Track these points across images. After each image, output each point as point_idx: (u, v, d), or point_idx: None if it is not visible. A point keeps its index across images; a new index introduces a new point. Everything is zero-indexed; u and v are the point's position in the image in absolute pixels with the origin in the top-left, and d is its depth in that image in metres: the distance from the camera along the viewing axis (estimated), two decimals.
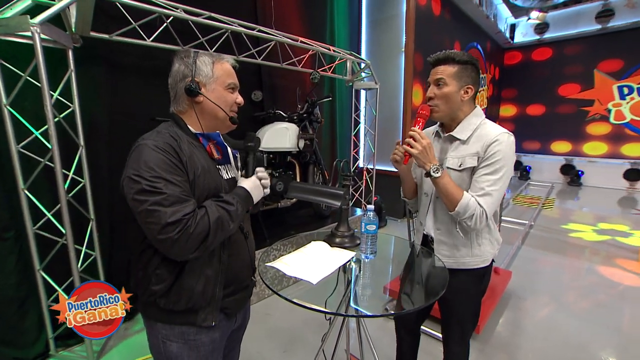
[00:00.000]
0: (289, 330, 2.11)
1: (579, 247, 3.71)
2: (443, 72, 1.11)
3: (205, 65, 0.90)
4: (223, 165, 0.95)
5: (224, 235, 0.82)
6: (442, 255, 1.19)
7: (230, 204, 0.83)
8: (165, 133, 0.83)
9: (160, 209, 0.73)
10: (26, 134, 1.60)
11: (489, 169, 1.07)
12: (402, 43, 4.26)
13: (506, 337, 2.08)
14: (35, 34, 1.39)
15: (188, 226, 0.74)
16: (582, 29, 7.01)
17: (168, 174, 0.77)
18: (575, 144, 7.55)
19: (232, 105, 0.94)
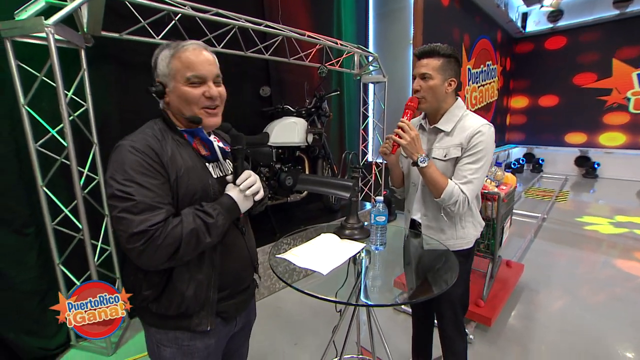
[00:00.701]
0: (300, 323, 2.14)
1: (595, 240, 3.63)
2: (428, 66, 1.17)
3: (163, 61, 0.82)
4: (213, 162, 0.89)
5: (199, 248, 0.77)
6: (428, 238, 1.28)
7: (210, 215, 0.77)
8: (148, 132, 0.80)
9: (128, 216, 0.70)
10: (43, 133, 1.64)
11: (471, 158, 1.15)
12: (410, 35, 4.20)
13: (519, 329, 2.06)
14: (50, 35, 1.43)
15: (155, 237, 0.70)
16: (598, 15, 6.77)
17: (142, 177, 0.72)
18: (591, 134, 7.35)
19: (200, 101, 0.82)
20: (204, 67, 0.81)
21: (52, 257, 1.72)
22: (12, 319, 1.65)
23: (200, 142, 0.86)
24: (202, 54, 0.82)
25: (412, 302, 1.43)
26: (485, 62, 6.58)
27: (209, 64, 0.82)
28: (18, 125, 1.59)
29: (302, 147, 2.87)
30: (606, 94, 7.06)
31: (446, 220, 1.24)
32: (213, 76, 0.83)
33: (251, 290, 0.99)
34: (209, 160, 0.88)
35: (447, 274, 1.06)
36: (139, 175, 0.72)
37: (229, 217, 0.81)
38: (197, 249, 0.76)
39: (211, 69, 0.83)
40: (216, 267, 0.84)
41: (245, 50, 2.56)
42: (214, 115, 0.86)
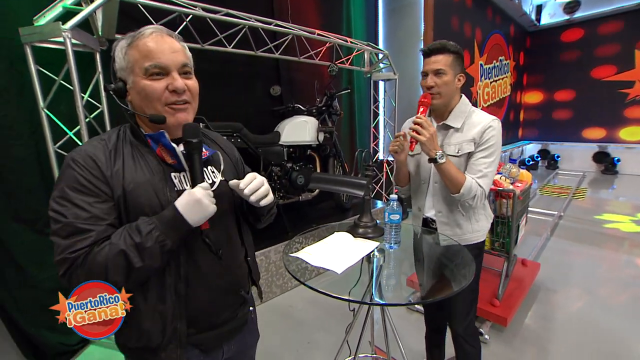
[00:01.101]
0: (313, 322, 2.14)
1: (616, 239, 3.51)
2: (441, 62, 1.18)
3: (120, 52, 0.70)
4: (182, 172, 0.74)
5: (135, 275, 0.63)
6: (444, 235, 1.28)
7: (139, 232, 0.63)
8: (99, 140, 0.70)
9: (56, 240, 0.62)
10: (61, 135, 1.69)
11: (485, 152, 1.18)
12: (420, 31, 4.15)
13: (536, 330, 2.02)
14: (67, 39, 1.46)
15: (76, 266, 0.61)
16: (618, 4, 6.53)
17: (76, 193, 0.63)
18: (611, 129, 7.10)
19: (164, 97, 0.69)
20: (165, 55, 0.68)
21: None
22: (35, 315, 1.70)
23: (164, 149, 0.72)
24: (163, 39, 0.69)
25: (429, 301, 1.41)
26: (498, 57, 6.44)
27: (172, 52, 0.69)
28: (38, 128, 1.64)
29: (313, 145, 2.87)
30: (628, 86, 6.79)
31: (463, 214, 1.25)
32: (178, 65, 0.69)
33: (239, 320, 0.83)
34: (177, 169, 0.73)
35: (464, 269, 1.04)
36: (73, 192, 0.63)
37: (172, 233, 0.65)
38: (130, 275, 0.62)
39: (175, 57, 0.69)
40: (181, 297, 0.70)
41: (255, 50, 2.57)
42: (181, 111, 0.71)
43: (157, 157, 0.72)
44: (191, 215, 0.66)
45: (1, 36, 1.56)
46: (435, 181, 1.27)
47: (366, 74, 3.80)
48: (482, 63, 5.83)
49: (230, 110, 2.70)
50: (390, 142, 1.24)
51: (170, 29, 0.74)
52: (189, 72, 0.73)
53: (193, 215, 0.66)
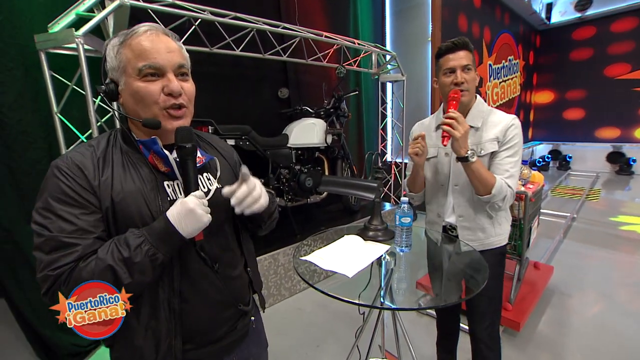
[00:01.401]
0: (322, 325, 2.13)
1: (633, 241, 3.42)
2: (466, 58, 1.14)
3: (111, 51, 0.65)
4: (174, 181, 0.70)
5: (125, 291, 0.58)
6: (467, 240, 1.23)
7: (127, 246, 0.58)
8: (87, 146, 0.66)
9: (38, 255, 0.58)
10: (74, 139, 1.72)
11: (510, 151, 1.14)
12: (428, 32, 4.12)
13: (550, 335, 1.97)
14: (80, 45, 1.49)
15: (59, 284, 0.57)
16: (632, 1, 6.37)
17: (60, 204, 0.59)
18: (625, 129, 6.91)
19: (161, 100, 0.65)
20: (160, 55, 0.64)
21: None
22: (48, 316, 1.73)
23: (157, 156, 0.67)
24: (159, 38, 0.65)
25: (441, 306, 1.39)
26: (507, 57, 6.35)
27: (168, 51, 0.65)
28: (51, 132, 1.67)
29: (321, 148, 2.87)
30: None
31: (491, 217, 1.21)
32: (174, 66, 0.65)
33: (240, 332, 0.79)
34: (171, 177, 0.69)
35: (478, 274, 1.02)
36: (58, 203, 0.59)
37: (163, 246, 0.61)
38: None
39: (171, 57, 0.65)
40: (175, 312, 0.66)
41: (263, 53, 2.58)
42: (177, 118, 0.67)
43: (149, 164, 0.67)
44: (184, 226, 0.61)
45: (17, 43, 1.60)
46: (455, 184, 1.22)
47: (374, 76, 3.79)
48: (491, 63, 5.76)
49: (239, 113, 2.72)
50: (410, 144, 1.19)
51: (180, 34, 0.72)
52: (185, 73, 0.68)
53: (186, 226, 0.62)
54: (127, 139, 0.68)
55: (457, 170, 1.19)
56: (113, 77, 0.66)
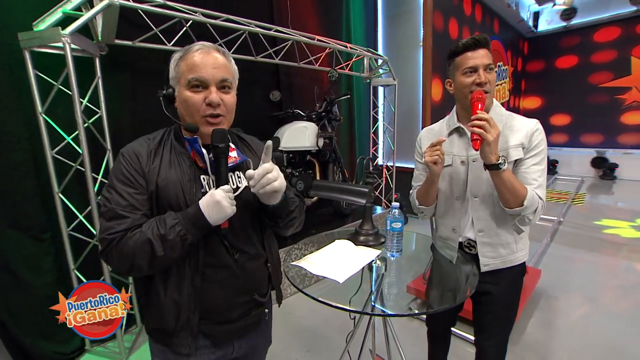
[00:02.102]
0: (312, 330, 2.12)
1: (616, 244, 3.51)
2: (487, 57, 1.03)
3: (173, 64, 0.79)
4: (209, 176, 0.80)
5: (157, 262, 0.71)
6: (487, 257, 1.12)
7: (165, 225, 0.70)
8: (146, 138, 0.80)
9: (101, 221, 0.72)
10: (59, 140, 1.68)
11: (536, 159, 1.04)
12: (420, 37, 4.18)
13: (537, 338, 2.00)
14: (66, 44, 1.46)
15: (112, 247, 0.70)
16: (614, 12, 6.62)
17: (120, 184, 0.73)
18: (609, 135, 7.15)
19: (202, 108, 0.76)
20: (207, 70, 0.74)
21: (68, 262, 1.75)
22: (29, 323, 1.67)
23: (197, 153, 0.79)
24: (209, 55, 0.76)
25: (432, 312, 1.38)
26: (497, 63, 6.49)
27: (214, 67, 0.75)
28: (35, 133, 1.63)
29: (313, 151, 2.87)
30: (624, 92, 6.86)
31: (510, 233, 1.10)
32: (216, 80, 0.75)
33: (253, 318, 0.87)
34: (207, 173, 0.80)
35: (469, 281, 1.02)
36: (118, 182, 0.73)
37: (193, 229, 0.71)
38: (153, 262, 0.70)
39: (215, 72, 0.75)
40: (197, 290, 0.77)
41: (255, 55, 2.58)
42: (214, 125, 0.77)
43: (191, 159, 0.79)
44: (211, 214, 0.71)
45: (0, 41, 1.56)
46: (474, 195, 1.10)
47: (366, 80, 3.82)
48: None
49: None
50: (426, 152, 1.05)
51: (171, 35, 0.81)
52: (227, 87, 0.79)
53: (213, 215, 0.72)
54: (178, 136, 0.82)
55: (476, 179, 1.09)
56: (172, 85, 0.80)
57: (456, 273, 1.13)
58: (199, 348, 0.80)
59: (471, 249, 1.15)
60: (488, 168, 0.98)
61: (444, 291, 1.12)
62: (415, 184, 1.27)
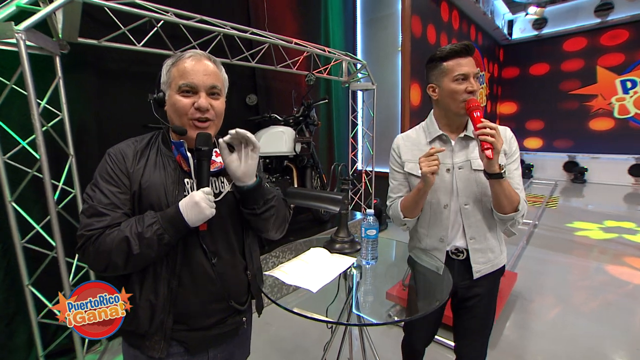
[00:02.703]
0: (290, 340, 2.09)
1: (586, 246, 3.70)
2: (473, 65, 1.04)
3: (165, 69, 0.83)
4: (192, 179, 0.82)
5: (133, 260, 0.72)
6: (479, 264, 1.14)
7: (142, 223, 0.73)
8: (134, 139, 0.84)
9: (81, 218, 0.75)
10: (13, 144, 1.58)
11: (515, 164, 1.11)
12: (398, 42, 4.28)
13: (514, 340, 2.06)
14: (20, 41, 1.38)
15: (90, 243, 0.72)
16: (581, 23, 7.08)
17: (103, 182, 0.77)
18: (579, 140, 7.57)
19: (190, 112, 0.79)
20: (197, 76, 0.79)
21: (21, 277, 1.64)
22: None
23: (182, 157, 0.82)
24: (200, 62, 0.81)
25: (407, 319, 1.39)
26: None
27: (205, 74, 0.80)
28: None
29: (290, 156, 2.85)
30: (591, 99, 7.33)
31: (496, 237, 1.16)
32: (206, 87, 0.80)
33: (230, 326, 0.88)
34: (191, 176, 0.82)
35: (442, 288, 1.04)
36: (102, 180, 0.77)
37: (170, 229, 0.73)
38: (128, 260, 0.72)
39: (205, 79, 0.79)
40: (172, 292, 0.78)
41: (230, 58, 2.55)
42: (201, 129, 0.80)
43: (176, 162, 0.82)
44: (190, 215, 0.74)
45: None
46: (465, 203, 1.10)
47: (344, 84, 3.86)
48: None
49: None
50: (423, 161, 1.02)
51: (141, 35, 0.84)
52: (217, 93, 0.83)
53: (191, 216, 0.74)
54: (165, 140, 0.85)
55: (465, 187, 1.10)
56: (163, 89, 0.83)
57: (436, 282, 1.12)
58: (171, 354, 0.81)
59: (459, 255, 1.15)
60: (491, 177, 0.99)
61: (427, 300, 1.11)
62: (395, 195, 1.24)
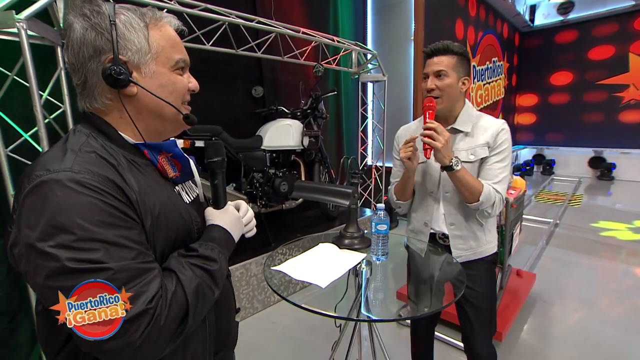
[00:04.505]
0: (297, 339, 2.11)
1: (613, 247, 3.63)
2: (442, 63, 1.18)
3: (135, 31, 0.59)
4: (181, 184, 0.72)
5: (206, 309, 0.60)
6: (459, 249, 1.26)
7: (212, 259, 0.60)
8: (86, 152, 0.54)
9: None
10: (15, 137, 1.62)
11: (499, 156, 1.20)
12: (411, 31, 4.24)
13: (532, 344, 2.05)
14: (22, 31, 1.41)
15: (157, 316, 0.49)
16: (612, 6, 6.83)
17: (109, 229, 0.49)
18: (607, 134, 7.35)
19: (185, 95, 0.67)
20: (185, 51, 0.66)
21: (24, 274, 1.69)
22: None
23: (167, 160, 0.66)
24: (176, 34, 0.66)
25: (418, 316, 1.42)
26: (491, 58, 6.64)
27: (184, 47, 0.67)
28: None
29: (298, 150, 2.87)
30: (622, 90, 7.09)
31: (481, 224, 1.25)
32: (189, 64, 0.69)
33: (235, 335, 0.86)
34: (178, 182, 0.70)
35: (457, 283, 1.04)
36: (103, 227, 0.49)
37: (227, 254, 0.67)
38: (205, 310, 0.59)
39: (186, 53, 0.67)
40: (211, 329, 0.69)
41: (236, 48, 2.56)
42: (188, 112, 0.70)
43: (157, 170, 0.65)
44: (235, 234, 0.70)
45: None
46: (446, 191, 1.25)
47: (354, 75, 3.85)
48: (475, 64, 6.00)
49: (209, 112, 2.67)
50: (401, 148, 1.20)
51: None
52: None
53: (235, 233, 0.70)
54: (122, 143, 0.61)
55: (447, 177, 1.22)
56: (128, 60, 0.58)
57: (430, 265, 1.26)
58: None
59: (445, 240, 1.29)
60: (444, 169, 1.15)
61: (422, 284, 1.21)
62: (393, 180, 1.41)
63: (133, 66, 0.59)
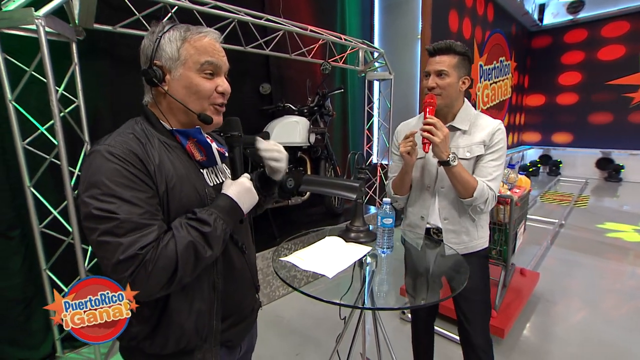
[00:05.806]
0: (301, 333, 2.15)
1: (618, 249, 3.62)
2: (443, 63, 1.22)
3: (171, 43, 0.73)
4: (208, 168, 0.82)
5: (200, 265, 0.68)
6: (451, 243, 1.31)
7: (206, 223, 0.68)
8: (127, 133, 0.71)
9: (112, 240, 0.60)
10: (31, 130, 1.67)
11: (494, 155, 1.24)
12: (418, 29, 4.24)
13: (534, 342, 2.07)
14: (40, 27, 1.46)
15: (146, 262, 0.61)
16: (624, 5, 6.77)
17: (125, 190, 0.63)
18: (615, 134, 7.29)
19: (212, 96, 0.76)
20: (219, 55, 0.76)
21: (39, 261, 1.74)
22: None
23: (194, 145, 0.77)
24: (217, 43, 0.78)
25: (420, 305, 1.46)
26: (499, 58, 6.61)
27: (223, 55, 0.78)
28: (4, 123, 1.62)
29: (304, 147, 2.90)
30: (632, 90, 7.02)
31: (473, 220, 1.29)
32: (226, 69, 0.79)
33: (255, 312, 0.94)
34: (204, 165, 0.80)
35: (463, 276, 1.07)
36: (121, 188, 0.63)
37: (230, 221, 0.73)
38: (197, 266, 0.67)
39: (225, 60, 0.78)
40: (218, 293, 0.77)
41: (244, 46, 2.60)
42: (220, 114, 0.80)
43: (186, 152, 0.77)
44: (245, 204, 0.76)
45: None
46: (441, 186, 1.29)
47: (360, 73, 3.87)
48: (482, 64, 5.98)
49: None
50: (401, 143, 1.24)
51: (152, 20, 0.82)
52: (226, 77, 0.81)
53: (245, 203, 0.76)
54: (159, 128, 0.76)
55: (443, 172, 1.26)
56: (162, 65, 0.73)
57: (426, 258, 1.33)
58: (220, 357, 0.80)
59: (439, 235, 1.33)
60: (441, 164, 1.19)
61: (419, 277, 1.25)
62: (391, 175, 1.45)
63: (166, 69, 0.74)
